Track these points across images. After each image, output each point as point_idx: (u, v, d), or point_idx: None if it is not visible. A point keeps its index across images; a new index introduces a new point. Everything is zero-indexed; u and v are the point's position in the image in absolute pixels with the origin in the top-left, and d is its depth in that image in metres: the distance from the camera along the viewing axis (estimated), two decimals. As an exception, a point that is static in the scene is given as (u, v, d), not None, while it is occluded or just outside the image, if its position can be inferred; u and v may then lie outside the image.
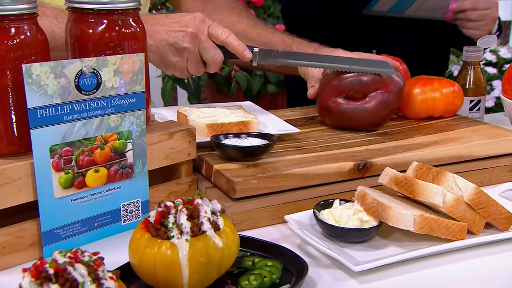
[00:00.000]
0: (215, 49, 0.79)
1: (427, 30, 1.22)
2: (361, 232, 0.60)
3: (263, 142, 0.73)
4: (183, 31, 0.77)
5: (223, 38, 0.79)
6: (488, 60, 2.63)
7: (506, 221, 0.62)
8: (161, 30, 0.77)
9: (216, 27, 0.79)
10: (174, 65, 0.79)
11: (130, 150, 0.63)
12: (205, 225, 0.50)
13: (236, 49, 0.80)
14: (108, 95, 0.60)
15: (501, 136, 0.81)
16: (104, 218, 0.63)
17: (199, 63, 0.80)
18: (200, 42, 0.78)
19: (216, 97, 2.49)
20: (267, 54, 0.84)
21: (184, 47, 0.77)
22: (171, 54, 0.77)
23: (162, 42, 0.77)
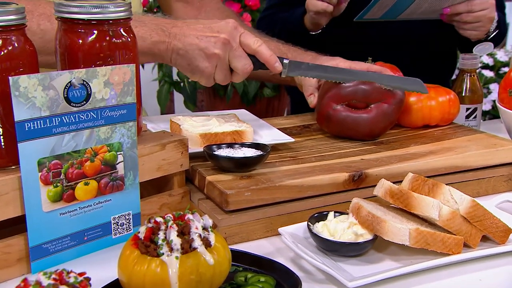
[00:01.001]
0: (246, 58, 0.77)
1: (426, 33, 1.21)
2: (356, 246, 0.59)
3: (257, 152, 0.72)
4: (215, 36, 0.75)
5: (255, 47, 0.77)
6: (485, 63, 2.62)
7: (502, 234, 0.61)
8: (192, 34, 0.75)
9: (248, 35, 0.77)
10: (201, 71, 0.76)
11: (121, 162, 0.62)
12: (196, 241, 0.48)
13: (268, 60, 0.78)
14: (98, 106, 0.59)
15: (498, 146, 0.80)
16: (94, 231, 0.62)
17: (228, 71, 0.78)
18: (231, 49, 0.76)
19: (213, 101, 2.48)
20: (297, 66, 0.81)
21: (215, 53, 0.75)
22: (200, 60, 0.75)
23: (192, 46, 0.74)
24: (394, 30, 1.18)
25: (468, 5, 1.05)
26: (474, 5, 1.04)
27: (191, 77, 0.79)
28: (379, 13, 1.06)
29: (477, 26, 1.07)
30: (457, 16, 1.06)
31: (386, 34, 1.19)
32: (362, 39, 1.20)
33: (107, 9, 0.61)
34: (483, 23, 1.07)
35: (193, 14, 0.99)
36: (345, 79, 0.84)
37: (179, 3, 1.00)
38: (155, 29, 0.76)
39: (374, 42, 1.19)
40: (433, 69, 1.24)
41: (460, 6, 1.05)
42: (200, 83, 0.79)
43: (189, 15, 0.99)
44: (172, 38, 0.75)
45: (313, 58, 0.92)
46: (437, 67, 1.26)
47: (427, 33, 1.21)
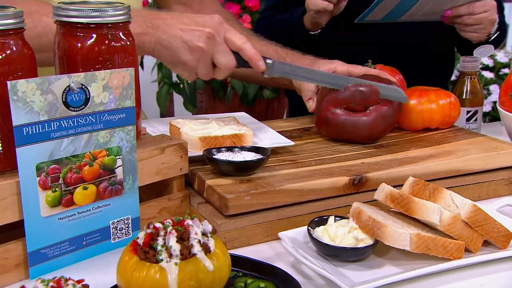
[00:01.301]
0: (229, 53, 0.76)
1: (425, 34, 1.21)
2: (356, 251, 0.59)
3: (257, 156, 0.72)
4: (199, 30, 0.74)
5: (240, 43, 0.76)
6: (485, 65, 2.62)
7: (504, 239, 0.61)
8: (176, 26, 0.74)
9: (233, 32, 0.76)
10: (184, 63, 0.75)
11: (120, 166, 0.62)
12: (195, 247, 0.48)
13: (251, 57, 0.77)
14: (97, 110, 0.59)
15: (499, 149, 0.80)
16: (93, 236, 0.62)
17: (210, 66, 0.76)
18: (215, 44, 0.74)
19: (212, 102, 2.48)
20: (281, 67, 0.80)
21: (199, 46, 0.73)
22: (183, 52, 0.74)
23: (176, 38, 0.73)
24: (393, 31, 1.17)
25: (469, 7, 1.04)
26: (475, 7, 1.04)
27: (173, 70, 0.77)
28: (380, 14, 1.06)
29: (478, 28, 1.06)
30: (458, 18, 1.06)
31: (386, 35, 1.18)
32: (362, 40, 1.19)
33: (106, 13, 0.61)
34: (484, 25, 1.06)
35: None
36: (328, 83, 0.83)
37: (178, 6, 0.99)
38: (138, 21, 0.74)
39: (373, 43, 1.19)
40: (432, 70, 1.24)
41: (462, 8, 1.05)
42: (182, 76, 0.78)
43: None
44: (156, 29, 0.74)
45: (311, 61, 0.91)
46: (436, 68, 1.26)
47: (426, 35, 1.20)
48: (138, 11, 0.77)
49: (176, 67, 0.77)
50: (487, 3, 1.05)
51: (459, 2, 1.04)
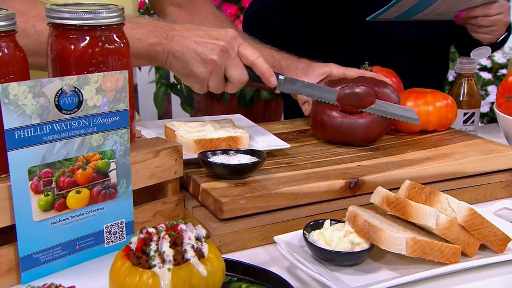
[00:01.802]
0: (242, 68, 0.76)
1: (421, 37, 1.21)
2: (352, 256, 0.58)
3: (252, 159, 0.71)
4: (213, 43, 0.74)
5: (253, 58, 0.76)
6: (483, 65, 2.62)
7: (501, 243, 0.60)
8: (190, 38, 0.74)
9: (246, 46, 0.77)
10: (196, 76, 0.75)
11: (114, 170, 0.61)
12: (189, 252, 0.48)
13: (264, 73, 0.77)
14: (90, 114, 0.58)
15: (496, 152, 0.79)
16: (86, 240, 0.61)
17: (222, 79, 0.77)
18: (229, 58, 0.75)
19: (210, 103, 2.47)
20: (292, 83, 0.81)
21: (212, 59, 0.74)
22: (196, 64, 0.74)
23: (189, 49, 0.74)
24: (390, 34, 1.17)
25: (485, 8, 1.03)
26: (491, 8, 1.03)
27: (184, 81, 0.78)
28: (395, 13, 1.05)
29: (491, 30, 1.06)
30: (472, 20, 1.05)
31: (383, 38, 1.18)
32: (359, 43, 1.19)
33: (99, 15, 0.60)
34: (498, 27, 1.06)
35: (187, 19, 0.98)
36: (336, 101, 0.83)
37: (173, 8, 0.99)
38: (152, 31, 0.75)
39: (370, 46, 1.18)
40: (427, 71, 1.24)
41: (477, 9, 1.03)
42: (193, 88, 0.78)
43: (183, 19, 0.98)
44: (170, 40, 0.74)
45: (306, 65, 0.91)
46: (431, 69, 1.26)
47: (422, 37, 1.20)
48: (154, 21, 0.77)
49: (188, 79, 0.77)
50: (502, 5, 1.04)
51: (475, 3, 1.03)
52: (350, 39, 1.19)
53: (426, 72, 1.23)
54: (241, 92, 2.29)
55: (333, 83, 0.87)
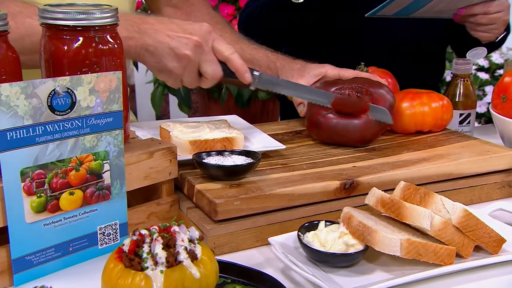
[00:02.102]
0: (216, 63, 0.75)
1: (417, 37, 1.20)
2: (346, 257, 0.58)
3: (247, 160, 0.71)
4: (187, 37, 0.73)
5: (227, 54, 0.75)
6: (480, 66, 2.63)
7: (495, 244, 0.60)
8: (163, 32, 0.73)
9: (221, 42, 0.76)
10: (169, 70, 0.74)
11: (107, 171, 0.61)
12: (182, 254, 0.47)
13: (238, 69, 0.76)
14: (83, 114, 0.58)
15: (491, 153, 0.79)
16: (80, 242, 0.61)
17: (196, 75, 0.76)
18: (203, 53, 0.74)
19: (207, 103, 2.47)
20: (267, 80, 0.80)
21: (186, 54, 0.72)
22: (169, 59, 0.73)
23: (162, 44, 0.72)
24: (386, 34, 1.17)
25: (484, 6, 1.02)
26: (491, 6, 1.02)
27: (157, 76, 0.76)
28: (394, 10, 1.04)
29: (490, 28, 1.05)
30: (472, 18, 1.05)
31: (379, 38, 1.18)
32: (355, 43, 1.19)
33: (93, 15, 0.60)
34: (497, 25, 1.05)
35: (182, 19, 0.98)
36: (315, 100, 0.82)
37: (169, 8, 0.99)
38: (124, 24, 0.72)
39: (366, 46, 1.18)
40: (424, 72, 1.24)
41: (476, 7, 1.03)
42: (167, 83, 0.77)
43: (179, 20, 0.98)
44: (142, 34, 0.73)
45: (302, 66, 0.91)
46: (428, 69, 1.26)
47: (418, 38, 1.20)
48: (126, 14, 0.76)
49: (161, 74, 0.76)
50: (502, 3, 1.04)
51: (474, 1, 1.03)
52: (348, 39, 1.19)
53: (422, 73, 1.23)
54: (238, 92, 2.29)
55: (328, 84, 0.87)
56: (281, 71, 0.91)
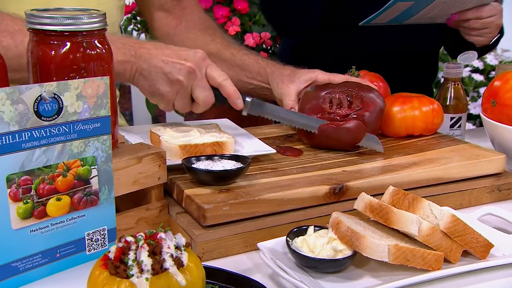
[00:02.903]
0: (209, 89, 0.77)
1: (411, 41, 1.21)
2: (334, 263, 0.58)
3: (237, 165, 0.71)
4: (181, 63, 0.74)
5: (220, 80, 0.77)
6: (475, 67, 2.63)
7: (483, 249, 0.60)
8: (158, 57, 0.74)
9: (214, 68, 0.77)
10: (162, 95, 0.76)
11: (95, 177, 0.61)
12: (167, 262, 0.47)
13: (230, 95, 0.78)
14: (70, 120, 0.57)
15: (481, 157, 0.79)
16: (67, 248, 0.60)
17: (188, 100, 0.77)
18: (196, 79, 0.75)
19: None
20: (259, 106, 0.82)
21: (179, 79, 0.74)
22: (162, 83, 0.74)
23: (157, 68, 0.74)
24: (379, 38, 1.17)
25: (477, 11, 1.04)
26: (483, 11, 1.04)
27: (150, 99, 0.78)
28: (387, 18, 1.05)
29: (484, 33, 1.06)
30: (465, 22, 1.06)
31: (372, 42, 1.18)
32: (347, 47, 1.19)
33: (80, 20, 0.59)
34: (490, 29, 1.06)
35: (174, 23, 0.98)
36: (305, 126, 0.82)
37: (161, 12, 0.99)
38: (121, 48, 0.75)
39: (358, 50, 1.18)
40: (416, 75, 1.24)
41: (469, 12, 1.04)
42: (159, 106, 0.79)
43: (170, 24, 0.98)
44: (138, 58, 0.75)
45: (292, 72, 0.91)
46: (420, 73, 1.26)
47: (411, 41, 1.20)
48: (124, 38, 0.78)
49: (154, 97, 0.77)
50: (494, 7, 1.05)
51: (467, 6, 1.03)
52: (337, 42, 1.19)
53: (415, 75, 1.23)
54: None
55: (319, 88, 0.87)
56: (271, 76, 0.91)
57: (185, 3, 1.00)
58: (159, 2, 0.98)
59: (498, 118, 0.84)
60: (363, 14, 1.04)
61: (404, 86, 0.99)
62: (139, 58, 0.74)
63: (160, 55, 0.74)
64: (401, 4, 1.00)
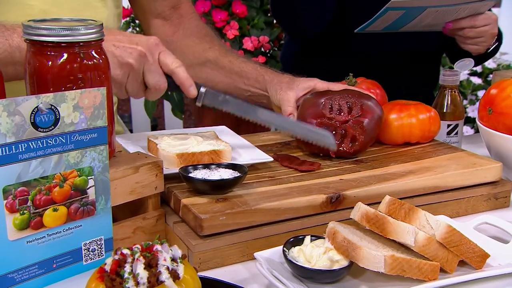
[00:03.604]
0: (160, 75, 0.75)
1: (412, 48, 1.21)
2: (331, 273, 0.58)
3: (234, 174, 0.71)
4: (132, 47, 0.73)
5: (173, 67, 0.75)
6: (473, 70, 2.64)
7: (479, 259, 0.61)
8: (110, 41, 0.73)
9: (168, 54, 0.76)
10: (112, 78, 0.73)
11: (92, 187, 0.61)
12: (163, 274, 0.47)
13: (183, 82, 0.76)
14: (67, 131, 0.58)
15: (477, 166, 0.79)
16: (64, 258, 0.60)
17: (140, 85, 0.76)
18: (146, 62, 0.74)
19: (200, 109, 2.46)
20: (214, 96, 0.79)
21: (129, 62, 0.73)
22: (113, 66, 0.72)
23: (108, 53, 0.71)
24: (379, 45, 1.18)
25: (471, 20, 1.04)
26: (477, 20, 1.04)
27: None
28: (382, 25, 1.06)
29: (479, 41, 1.07)
30: (460, 31, 1.06)
31: (372, 48, 1.19)
32: (347, 53, 1.20)
33: (77, 31, 0.60)
34: (485, 38, 1.07)
35: (171, 31, 0.98)
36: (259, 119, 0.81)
37: (158, 20, 0.99)
38: None
39: (359, 56, 1.19)
40: (417, 82, 1.24)
41: (464, 21, 1.05)
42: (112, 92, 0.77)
43: (167, 31, 0.98)
44: None
45: (290, 79, 0.91)
46: (421, 81, 1.26)
47: (413, 49, 1.21)
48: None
49: None
50: (489, 16, 1.05)
51: (461, 15, 1.04)
52: (338, 48, 1.19)
53: (417, 81, 1.23)
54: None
55: (319, 94, 0.87)
56: (270, 84, 0.91)
57: (182, 11, 1.00)
58: (156, 10, 0.98)
59: (495, 126, 0.84)
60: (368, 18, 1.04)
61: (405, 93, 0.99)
62: None
63: (112, 40, 0.73)
64: (393, 13, 1.01)
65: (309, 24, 1.13)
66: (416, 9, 1.00)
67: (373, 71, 1.06)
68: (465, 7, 1.01)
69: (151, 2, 0.98)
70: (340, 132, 0.82)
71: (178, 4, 1.00)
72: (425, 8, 1.00)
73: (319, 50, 1.23)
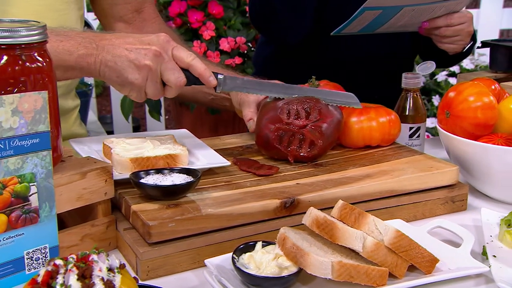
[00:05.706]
0: (178, 71, 0.75)
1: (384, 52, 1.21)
2: (279, 280, 0.57)
3: (187, 179, 0.70)
4: (145, 48, 0.72)
5: (189, 60, 0.75)
6: (451, 71, 2.66)
7: (428, 264, 0.60)
8: (121, 46, 0.72)
9: (181, 49, 0.75)
10: (131, 83, 0.73)
11: (35, 194, 0.59)
12: (97, 286, 0.46)
13: (202, 74, 0.76)
14: (5, 136, 0.56)
15: (434, 169, 0.80)
16: (5, 268, 0.58)
17: (159, 85, 0.75)
18: (163, 61, 0.73)
19: (179, 109, 2.44)
20: (232, 81, 0.81)
21: (146, 64, 0.72)
22: (130, 71, 0.72)
23: (121, 57, 0.72)
24: (353, 49, 1.18)
25: (447, 19, 1.05)
26: (453, 18, 1.05)
27: (121, 91, 0.75)
28: (357, 27, 1.06)
29: (455, 40, 1.07)
30: (436, 30, 1.06)
31: (345, 53, 1.19)
32: (321, 57, 1.19)
33: (18, 33, 0.58)
34: (461, 36, 1.07)
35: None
36: (279, 93, 0.84)
37: (120, 23, 0.97)
38: (82, 42, 0.73)
39: (331, 60, 1.19)
40: (390, 86, 1.25)
41: (439, 20, 1.05)
42: (131, 98, 0.76)
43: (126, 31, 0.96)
44: (101, 50, 0.73)
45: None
46: (394, 84, 1.27)
47: (385, 53, 1.21)
48: (83, 32, 0.76)
49: (124, 88, 0.75)
50: (464, 15, 1.06)
51: (437, 14, 1.04)
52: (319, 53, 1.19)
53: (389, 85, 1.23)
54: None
55: (277, 98, 0.86)
56: None
57: (145, 15, 0.98)
58: (118, 13, 0.96)
59: (452, 130, 0.84)
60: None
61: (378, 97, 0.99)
62: (101, 50, 0.72)
63: (123, 43, 0.73)
64: (369, 13, 1.01)
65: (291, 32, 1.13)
66: (392, 9, 1.00)
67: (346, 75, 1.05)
68: (441, 6, 1.02)
69: (113, 6, 0.97)
70: (299, 137, 0.82)
71: (140, 8, 0.99)
72: (401, 8, 1.00)
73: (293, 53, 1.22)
